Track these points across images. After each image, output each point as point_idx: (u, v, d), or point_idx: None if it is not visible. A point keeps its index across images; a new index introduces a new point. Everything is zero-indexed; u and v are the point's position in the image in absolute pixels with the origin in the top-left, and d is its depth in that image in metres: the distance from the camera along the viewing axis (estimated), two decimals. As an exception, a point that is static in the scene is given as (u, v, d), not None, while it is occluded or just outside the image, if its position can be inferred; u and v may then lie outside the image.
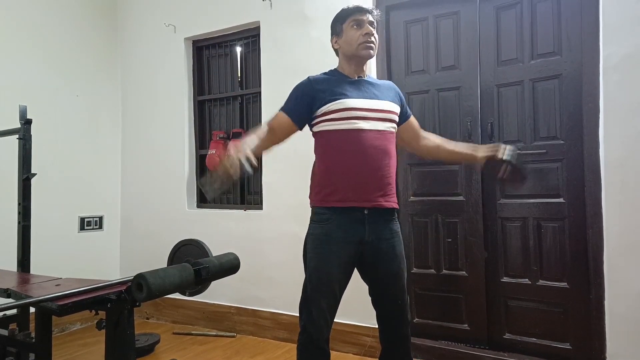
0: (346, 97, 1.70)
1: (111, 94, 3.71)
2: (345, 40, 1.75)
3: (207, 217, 3.33)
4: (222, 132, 3.35)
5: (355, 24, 1.73)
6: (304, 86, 1.75)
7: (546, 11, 2.35)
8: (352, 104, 1.69)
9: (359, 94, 1.73)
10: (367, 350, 2.65)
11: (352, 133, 1.69)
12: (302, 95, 1.74)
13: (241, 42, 3.37)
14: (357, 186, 1.68)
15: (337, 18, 1.80)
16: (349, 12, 1.75)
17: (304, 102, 1.73)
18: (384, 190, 1.72)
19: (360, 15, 1.74)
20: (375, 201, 1.70)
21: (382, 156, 1.71)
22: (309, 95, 1.72)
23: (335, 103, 1.69)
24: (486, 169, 1.80)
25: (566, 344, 2.28)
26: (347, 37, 1.75)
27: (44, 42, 3.24)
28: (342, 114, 1.68)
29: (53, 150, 3.23)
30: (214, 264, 1.63)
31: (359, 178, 1.68)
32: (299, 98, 1.75)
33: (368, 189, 1.69)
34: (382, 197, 1.71)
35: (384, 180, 1.72)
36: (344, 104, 1.69)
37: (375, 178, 1.70)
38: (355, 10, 1.75)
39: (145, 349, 2.76)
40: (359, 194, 1.67)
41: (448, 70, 2.60)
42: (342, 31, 1.76)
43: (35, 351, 1.63)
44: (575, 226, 2.27)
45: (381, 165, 1.71)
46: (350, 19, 1.74)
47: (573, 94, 2.28)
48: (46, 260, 2.85)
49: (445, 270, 2.59)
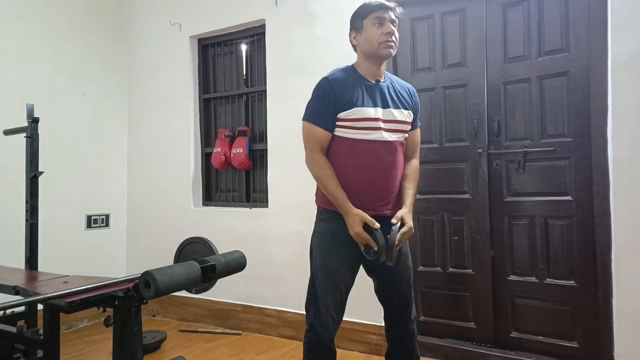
0: (361, 105, 1.67)
1: (117, 92, 3.72)
2: (366, 38, 1.70)
3: (212, 215, 3.33)
4: (227, 130, 3.35)
5: (377, 22, 1.68)
6: (324, 91, 1.69)
7: (553, 8, 2.33)
8: (366, 114, 1.67)
9: (374, 102, 1.69)
10: (373, 348, 2.65)
11: (362, 143, 1.68)
12: (324, 101, 1.68)
13: (246, 40, 3.36)
14: (361, 196, 1.68)
15: (358, 13, 1.73)
16: (372, 9, 1.69)
17: (330, 108, 1.67)
18: (387, 199, 1.72)
19: (382, 13, 1.67)
20: (379, 210, 1.70)
21: (389, 167, 1.71)
22: (331, 99, 1.67)
23: (349, 112, 1.66)
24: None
25: (573, 343, 2.27)
26: (367, 34, 1.69)
27: (50, 41, 3.26)
28: (354, 124, 1.67)
29: (60, 148, 3.25)
30: (221, 261, 1.63)
31: (364, 189, 1.68)
32: (321, 106, 1.68)
33: (372, 200, 1.69)
34: (385, 206, 1.72)
35: (388, 191, 1.72)
36: (359, 113, 1.66)
37: (381, 190, 1.70)
38: (378, 6, 1.68)
39: (152, 346, 2.77)
40: (363, 203, 1.67)
41: (454, 68, 2.58)
42: (363, 27, 1.71)
43: (43, 348, 1.64)
44: (583, 224, 2.25)
45: (388, 177, 1.71)
46: (373, 16, 1.68)
47: (581, 91, 2.26)
48: (53, 258, 2.88)
49: (451, 268, 2.58)
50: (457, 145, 2.57)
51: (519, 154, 2.40)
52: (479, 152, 2.49)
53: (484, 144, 2.48)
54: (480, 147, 2.49)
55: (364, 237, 1.61)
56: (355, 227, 1.61)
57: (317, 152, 1.69)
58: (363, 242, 1.63)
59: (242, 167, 3.25)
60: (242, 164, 3.21)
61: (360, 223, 1.61)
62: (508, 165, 2.44)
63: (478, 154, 2.49)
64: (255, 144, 3.28)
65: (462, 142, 2.55)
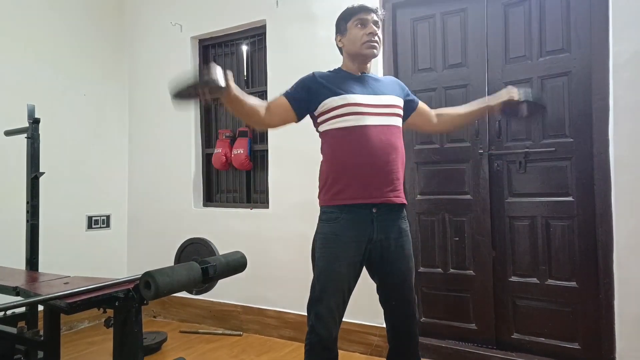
0: (350, 92, 1.71)
1: (118, 93, 3.72)
2: (349, 39, 1.77)
3: (213, 215, 3.33)
4: (228, 130, 3.35)
5: (359, 23, 1.75)
6: (308, 79, 1.77)
7: (555, 8, 2.33)
8: (356, 100, 1.70)
9: (362, 90, 1.74)
10: (374, 349, 2.64)
11: (357, 129, 1.68)
12: (303, 85, 1.76)
13: (247, 40, 3.36)
14: (365, 182, 1.67)
15: (341, 17, 1.81)
16: (354, 12, 1.76)
17: (304, 91, 1.74)
18: (392, 185, 1.71)
19: (364, 15, 1.75)
20: (385, 196, 1.69)
21: (389, 151, 1.70)
22: (312, 88, 1.74)
23: (339, 98, 1.69)
24: (505, 113, 1.86)
25: (575, 344, 2.26)
26: (351, 36, 1.76)
27: (51, 42, 3.26)
28: (346, 109, 1.69)
29: (61, 149, 3.25)
30: (221, 262, 1.63)
31: (367, 174, 1.68)
32: (299, 87, 1.77)
33: (376, 185, 1.68)
34: (391, 192, 1.71)
35: (392, 175, 1.71)
36: (348, 99, 1.69)
37: (384, 173, 1.69)
38: (359, 9, 1.76)
39: (152, 347, 2.77)
40: (368, 190, 1.67)
41: (455, 68, 2.58)
42: (347, 30, 1.78)
43: (43, 349, 1.64)
44: (584, 225, 2.25)
45: (388, 160, 1.70)
46: (355, 18, 1.75)
47: (582, 91, 2.25)
48: (54, 259, 2.88)
49: (452, 269, 2.58)
50: (458, 146, 2.56)
51: (520, 155, 2.40)
52: (480, 152, 2.49)
53: (485, 145, 2.48)
54: (481, 148, 2.48)
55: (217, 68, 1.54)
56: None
57: (265, 102, 1.75)
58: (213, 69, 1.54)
59: (243, 168, 3.25)
60: (243, 165, 3.21)
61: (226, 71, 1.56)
62: (509, 165, 2.44)
63: (479, 154, 2.49)
64: (256, 144, 3.28)
65: (463, 142, 2.55)
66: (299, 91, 1.76)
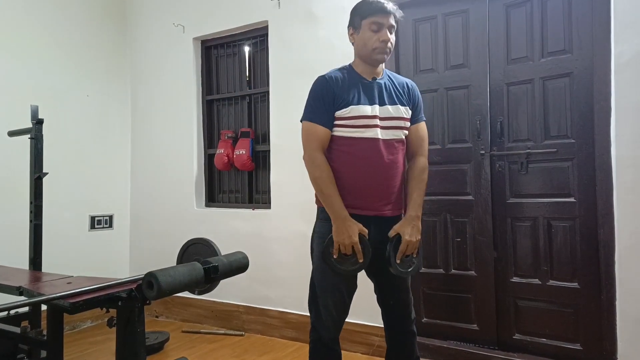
0: (357, 103, 1.67)
1: (121, 93, 3.73)
2: (361, 39, 1.70)
3: (215, 216, 3.34)
4: (230, 131, 3.36)
5: (375, 27, 1.67)
6: (319, 88, 1.70)
7: (556, 8, 2.33)
8: (363, 112, 1.66)
9: (371, 100, 1.69)
10: (376, 349, 2.64)
11: (361, 141, 1.67)
12: (317, 97, 1.69)
13: (249, 41, 3.37)
14: (362, 196, 1.68)
15: (357, 10, 1.72)
16: (371, 11, 1.67)
17: (321, 102, 1.68)
18: (387, 199, 1.71)
19: (381, 18, 1.66)
20: (380, 210, 1.70)
21: (389, 166, 1.70)
22: (326, 98, 1.67)
23: (346, 110, 1.66)
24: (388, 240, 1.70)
25: (577, 345, 2.26)
26: (363, 37, 1.69)
27: (54, 43, 3.27)
28: (352, 122, 1.66)
29: (64, 149, 3.26)
30: (223, 262, 1.63)
31: (365, 188, 1.68)
32: (315, 102, 1.69)
33: (373, 199, 1.69)
34: (386, 206, 1.71)
35: (390, 190, 1.71)
36: (355, 111, 1.66)
37: (382, 189, 1.69)
38: (377, 9, 1.66)
39: (155, 347, 2.78)
40: (364, 203, 1.67)
41: (457, 69, 2.58)
42: (360, 27, 1.70)
43: (46, 349, 1.65)
44: (586, 226, 2.24)
45: (389, 175, 1.70)
46: (371, 19, 1.67)
47: (584, 92, 2.25)
48: (57, 259, 2.89)
49: (454, 270, 2.58)
50: (460, 147, 2.56)
51: (522, 155, 2.40)
52: (481, 153, 2.49)
53: (486, 145, 2.48)
54: (482, 149, 2.48)
55: (358, 248, 1.60)
56: (354, 236, 1.59)
57: (319, 152, 1.67)
58: (351, 251, 1.61)
59: (245, 168, 3.26)
60: (245, 165, 3.22)
61: (357, 232, 1.60)
62: (511, 166, 2.44)
63: (481, 155, 2.49)
64: (258, 145, 3.29)
65: (465, 143, 2.55)
66: (319, 107, 1.68)
